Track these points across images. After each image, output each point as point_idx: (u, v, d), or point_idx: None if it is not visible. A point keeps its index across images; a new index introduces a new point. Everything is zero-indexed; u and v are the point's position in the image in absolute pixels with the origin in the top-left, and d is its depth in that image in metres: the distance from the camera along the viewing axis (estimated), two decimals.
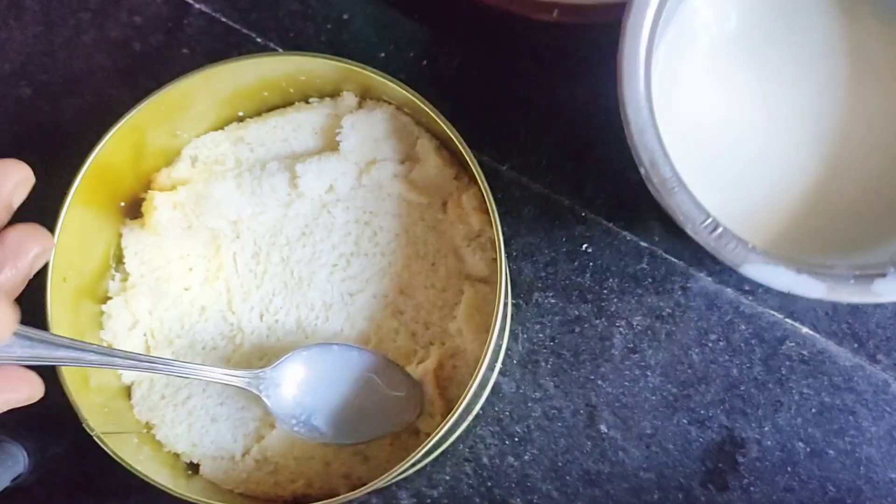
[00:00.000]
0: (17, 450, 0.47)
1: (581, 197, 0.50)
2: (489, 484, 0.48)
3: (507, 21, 0.48)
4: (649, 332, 0.49)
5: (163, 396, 0.46)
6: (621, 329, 0.49)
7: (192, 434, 0.46)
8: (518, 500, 0.48)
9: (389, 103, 0.46)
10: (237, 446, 0.46)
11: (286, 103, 0.48)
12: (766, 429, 0.47)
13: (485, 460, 0.48)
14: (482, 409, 0.49)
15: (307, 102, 0.48)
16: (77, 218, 0.43)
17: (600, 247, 0.49)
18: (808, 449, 0.47)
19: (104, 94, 0.52)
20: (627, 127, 0.37)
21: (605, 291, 0.49)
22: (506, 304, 0.43)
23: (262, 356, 0.46)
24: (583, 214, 0.50)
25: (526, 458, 0.48)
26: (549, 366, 0.49)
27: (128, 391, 0.47)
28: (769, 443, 0.47)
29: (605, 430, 0.48)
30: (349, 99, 0.47)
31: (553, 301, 0.49)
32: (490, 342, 0.40)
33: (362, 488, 0.40)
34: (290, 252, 0.47)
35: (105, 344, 0.45)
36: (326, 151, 0.46)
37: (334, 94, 0.47)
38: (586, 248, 0.50)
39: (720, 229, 0.37)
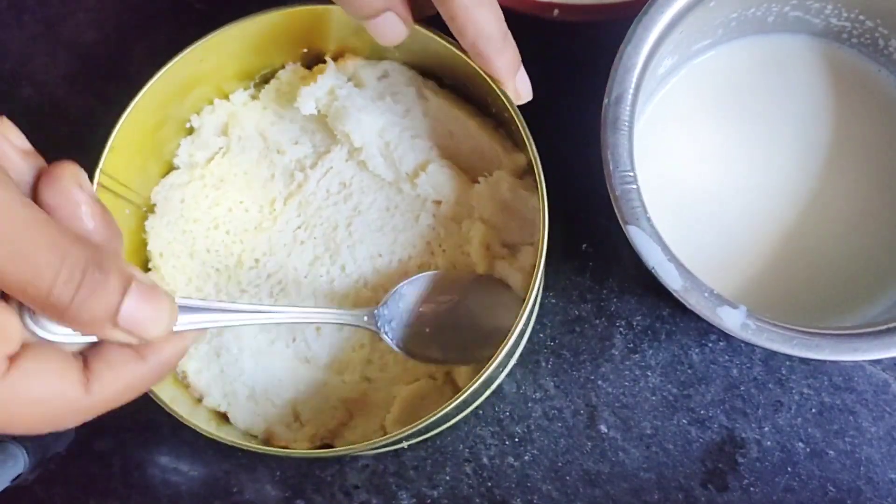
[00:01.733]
0: (18, 450, 0.47)
1: (581, 196, 0.50)
2: (489, 484, 0.48)
3: (508, 20, 0.48)
4: (649, 332, 0.49)
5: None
6: (621, 329, 0.49)
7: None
8: (518, 500, 0.48)
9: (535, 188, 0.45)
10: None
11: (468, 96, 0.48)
12: (766, 429, 0.47)
13: (485, 460, 0.48)
14: (482, 409, 0.49)
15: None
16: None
17: (600, 247, 0.49)
18: (808, 449, 0.47)
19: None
20: (610, 182, 0.38)
21: (605, 291, 0.49)
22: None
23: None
24: (582, 214, 0.50)
25: (526, 458, 0.48)
26: (549, 366, 0.49)
27: None
28: (769, 443, 0.47)
29: (606, 431, 0.48)
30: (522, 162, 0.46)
31: (553, 301, 0.49)
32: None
33: (394, 434, 0.40)
34: (369, 198, 0.47)
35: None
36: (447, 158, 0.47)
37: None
38: (586, 248, 0.50)
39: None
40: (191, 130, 0.48)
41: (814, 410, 0.47)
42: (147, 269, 0.47)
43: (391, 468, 0.49)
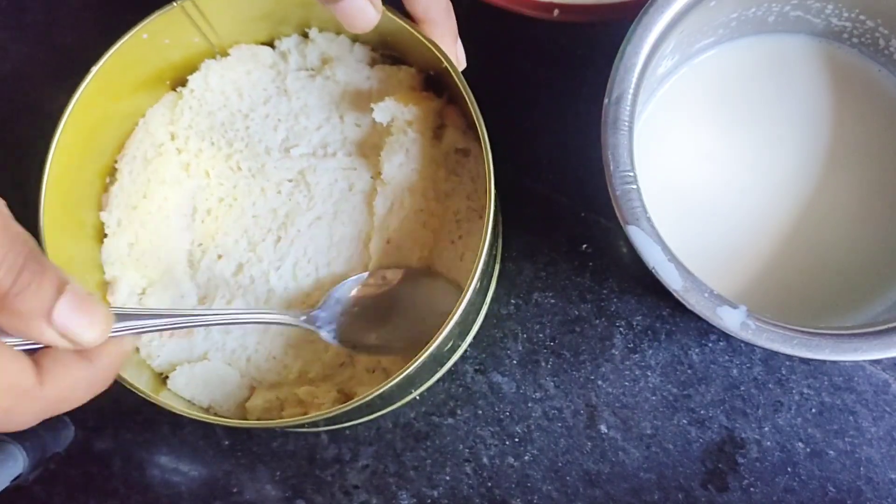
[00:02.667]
0: (17, 450, 0.47)
1: (581, 196, 0.50)
2: (489, 484, 0.48)
3: (508, 20, 0.48)
4: (649, 332, 0.49)
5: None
6: (621, 329, 0.49)
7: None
8: (518, 500, 0.48)
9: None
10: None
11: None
12: (766, 429, 0.47)
13: (485, 460, 0.48)
14: (482, 409, 0.49)
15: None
16: None
17: (600, 247, 0.49)
18: (808, 449, 0.47)
19: None
20: (610, 182, 0.38)
21: (605, 291, 0.49)
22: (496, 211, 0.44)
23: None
24: (582, 214, 0.50)
25: (526, 458, 0.48)
26: (549, 366, 0.49)
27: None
28: (769, 443, 0.47)
29: (606, 431, 0.48)
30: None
31: (553, 301, 0.49)
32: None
33: (354, 400, 0.40)
34: (350, 214, 0.47)
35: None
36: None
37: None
38: (586, 248, 0.50)
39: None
40: (305, 35, 0.48)
41: (814, 410, 0.47)
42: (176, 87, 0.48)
43: (391, 468, 0.49)
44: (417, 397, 0.49)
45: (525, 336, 0.49)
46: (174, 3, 0.43)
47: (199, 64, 0.47)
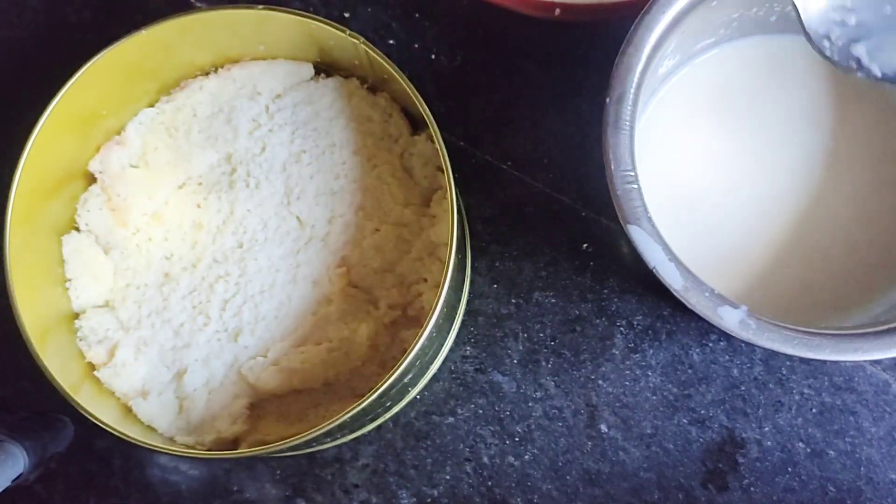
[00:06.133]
0: (17, 450, 0.46)
1: (582, 196, 0.50)
2: (489, 484, 0.48)
3: (509, 20, 0.48)
4: (650, 331, 0.49)
5: None
6: (622, 329, 0.49)
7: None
8: (518, 499, 0.48)
9: None
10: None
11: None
12: (767, 429, 0.47)
13: (485, 460, 0.48)
14: (482, 409, 0.49)
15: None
16: None
17: (601, 246, 0.49)
18: (809, 449, 0.47)
19: None
20: (611, 181, 0.38)
21: (605, 291, 0.49)
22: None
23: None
24: (583, 214, 0.50)
25: (526, 457, 0.48)
26: (549, 365, 0.49)
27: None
28: (769, 443, 0.47)
29: (606, 430, 0.48)
30: None
31: (553, 300, 0.49)
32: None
33: (298, 437, 0.40)
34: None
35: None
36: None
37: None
38: (587, 247, 0.50)
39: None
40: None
41: (814, 410, 0.47)
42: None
43: (391, 467, 0.49)
44: (418, 397, 0.49)
45: (525, 335, 0.49)
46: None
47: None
